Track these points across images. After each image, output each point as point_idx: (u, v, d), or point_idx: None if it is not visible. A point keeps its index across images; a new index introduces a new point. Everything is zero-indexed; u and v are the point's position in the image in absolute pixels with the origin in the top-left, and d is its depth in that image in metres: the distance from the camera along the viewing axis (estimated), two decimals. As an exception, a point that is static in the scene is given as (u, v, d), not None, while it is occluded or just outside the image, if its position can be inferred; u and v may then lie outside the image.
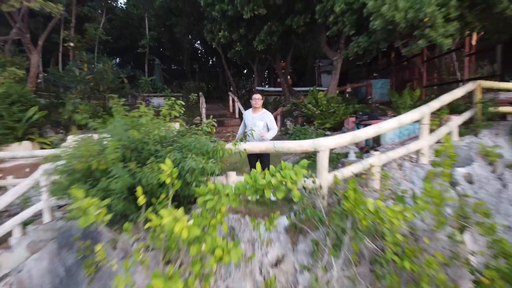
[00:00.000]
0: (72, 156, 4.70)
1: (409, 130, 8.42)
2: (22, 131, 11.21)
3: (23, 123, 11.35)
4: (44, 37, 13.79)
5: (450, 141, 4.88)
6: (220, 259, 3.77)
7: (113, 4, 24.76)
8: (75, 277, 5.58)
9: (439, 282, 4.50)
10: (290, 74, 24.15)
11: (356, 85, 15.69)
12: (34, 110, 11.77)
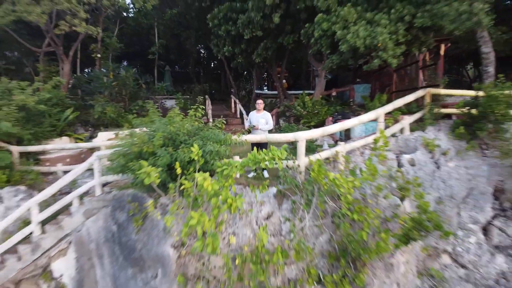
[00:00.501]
0: (130, 143, 6.83)
1: (373, 126, 10.50)
2: (60, 128, 13.25)
3: (62, 122, 13.39)
4: (74, 49, 15.79)
5: (384, 133, 7.04)
6: (229, 206, 5.95)
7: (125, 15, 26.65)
8: (125, 230, 7.71)
9: (375, 226, 6.69)
10: (286, 78, 26.20)
11: (340, 89, 17.79)
12: (70, 111, 13.81)
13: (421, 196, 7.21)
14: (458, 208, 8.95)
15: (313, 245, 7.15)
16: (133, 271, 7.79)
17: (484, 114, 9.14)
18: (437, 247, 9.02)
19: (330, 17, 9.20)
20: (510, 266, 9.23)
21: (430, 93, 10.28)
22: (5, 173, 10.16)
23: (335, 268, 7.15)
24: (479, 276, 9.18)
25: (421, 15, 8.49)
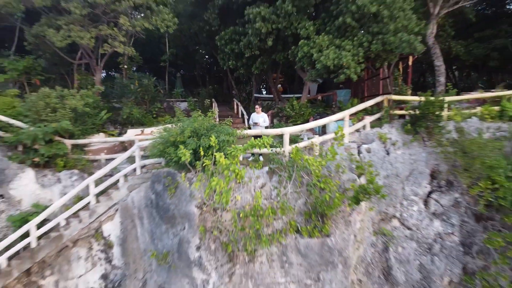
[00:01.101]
0: (167, 135, 9.76)
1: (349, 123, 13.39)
2: (98, 126, 16.09)
3: (98, 121, 16.24)
4: (104, 60, 18.61)
5: (342, 130, 9.98)
6: (236, 175, 8.90)
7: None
8: (162, 197, 10.62)
9: (332, 187, 9.61)
10: (282, 82, 29.08)
11: (325, 94, 20.69)
12: (104, 112, 16.65)
13: (370, 173, 10.18)
14: (403, 184, 11.89)
15: (293, 206, 10.10)
16: (166, 227, 10.73)
17: (424, 115, 12.08)
18: (388, 213, 11.99)
19: (309, 43, 12.04)
20: (444, 228, 12.23)
21: (387, 99, 13.21)
22: (62, 160, 13.03)
23: (309, 222, 10.10)
24: (420, 236, 12.16)
25: (375, 42, 11.34)
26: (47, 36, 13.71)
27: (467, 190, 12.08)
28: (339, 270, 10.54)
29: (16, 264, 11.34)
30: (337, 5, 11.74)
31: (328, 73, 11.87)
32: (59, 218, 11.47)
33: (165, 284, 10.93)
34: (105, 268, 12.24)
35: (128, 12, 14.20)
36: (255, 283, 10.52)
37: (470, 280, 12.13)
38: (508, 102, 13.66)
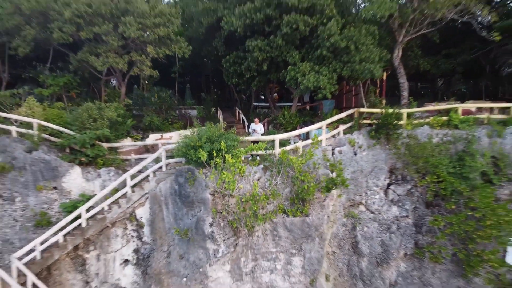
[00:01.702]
0: (188, 140, 13.04)
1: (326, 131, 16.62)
2: (125, 132, 19.28)
3: (125, 127, 19.42)
4: (128, 76, 21.76)
5: (316, 137, 13.28)
6: (239, 170, 12.25)
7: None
8: (183, 187, 13.87)
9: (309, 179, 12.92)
10: (278, 91, 32.30)
11: (313, 104, 23.93)
12: (130, 120, 19.85)
13: (339, 169, 13.48)
14: (367, 178, 15.16)
15: (281, 193, 13.36)
16: (186, 210, 13.98)
17: (384, 124, 15.35)
18: (355, 200, 15.27)
19: (295, 68, 15.26)
20: (400, 213, 15.51)
21: (357, 111, 16.49)
22: (102, 160, 16.24)
23: (293, 205, 13.35)
24: (381, 218, 15.43)
25: (345, 69, 14.57)
26: (90, 61, 16.91)
27: (417, 182, 15.40)
28: (316, 242, 13.84)
29: (70, 239, 14.57)
30: (317, 40, 14.94)
31: (310, 92, 15.02)
32: (103, 204, 14.70)
33: (185, 254, 14.20)
34: (137, 244, 15.47)
35: (153, 42, 17.34)
36: (253, 252, 13.85)
37: (420, 253, 15.51)
38: (454, 113, 16.90)
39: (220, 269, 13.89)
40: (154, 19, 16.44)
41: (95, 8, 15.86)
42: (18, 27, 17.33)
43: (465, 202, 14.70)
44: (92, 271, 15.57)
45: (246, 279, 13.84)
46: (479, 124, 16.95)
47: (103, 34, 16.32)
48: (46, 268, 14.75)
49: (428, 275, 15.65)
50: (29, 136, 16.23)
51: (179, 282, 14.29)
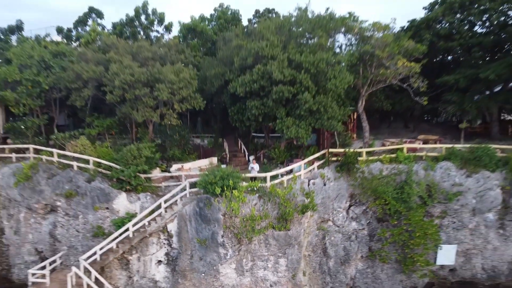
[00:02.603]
0: (207, 176, 18.52)
1: (304, 166, 22.05)
2: (154, 164, 24.60)
3: (155, 160, 24.73)
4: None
5: (295, 176, 18.79)
6: (242, 199, 17.79)
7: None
8: (202, 210, 19.31)
9: (290, 205, 18.43)
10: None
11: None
12: (158, 154, 25.13)
13: (312, 198, 18.99)
14: (333, 202, 20.62)
15: (271, 214, 18.83)
16: (204, 225, 19.40)
17: (345, 162, 20.84)
18: (325, 218, 20.74)
19: (282, 122, 20.70)
20: (358, 226, 20.94)
21: (328, 151, 21.98)
22: (141, 187, 21.69)
23: (279, 223, 18.77)
24: (344, 230, 20.88)
25: (317, 124, 20.10)
26: (132, 114, 22.35)
27: (370, 205, 20.87)
28: (295, 248, 19.27)
29: (121, 246, 19.94)
30: (297, 102, 20.36)
31: (293, 138, 20.45)
32: (145, 220, 20.16)
33: (203, 256, 19.59)
34: (167, 249, 20.84)
35: (178, 100, 22.59)
36: (252, 255, 19.26)
37: (372, 255, 20.94)
38: (400, 152, 22.36)
39: (228, 267, 19.32)
40: (179, 84, 21.92)
41: (136, 77, 21.29)
42: (78, 89, 22.91)
43: (403, 219, 20.20)
44: (134, 269, 20.92)
45: (246, 274, 19.29)
46: (419, 160, 22.39)
47: (142, 96, 21.77)
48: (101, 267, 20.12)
49: (378, 272, 21.12)
50: (88, 170, 21.73)
51: (199, 276, 19.71)
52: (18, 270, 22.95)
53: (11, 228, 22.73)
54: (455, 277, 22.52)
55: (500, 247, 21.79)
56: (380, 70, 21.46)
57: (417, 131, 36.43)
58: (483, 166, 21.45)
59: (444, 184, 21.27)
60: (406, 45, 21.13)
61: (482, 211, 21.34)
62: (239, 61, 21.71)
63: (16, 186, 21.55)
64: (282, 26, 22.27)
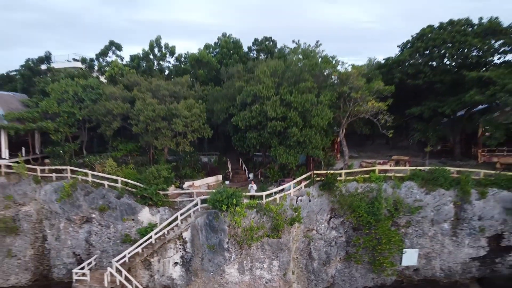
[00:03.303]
0: (216, 197, 23.02)
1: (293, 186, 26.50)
2: (170, 181, 29.03)
3: (171, 178, 29.20)
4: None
5: (285, 196, 23.31)
6: (243, 214, 22.36)
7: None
8: (211, 222, 23.75)
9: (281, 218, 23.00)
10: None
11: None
12: (173, 174, 29.51)
13: (299, 212, 23.52)
14: (316, 215, 25.09)
15: (266, 225, 23.32)
16: (213, 234, 23.81)
17: (326, 182, 25.32)
18: (310, 227, 25.22)
19: (275, 150, 25.07)
20: (337, 234, 25.43)
21: (313, 173, 26.46)
22: (160, 202, 26.13)
23: (273, 232, 23.22)
24: (326, 237, 25.37)
25: (304, 152, 24.69)
26: (153, 143, 26.84)
27: (346, 217, 25.34)
28: (286, 252, 23.73)
29: (145, 250, 24.35)
30: (288, 134, 24.82)
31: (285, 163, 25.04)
32: (165, 230, 24.60)
33: (212, 259, 23.96)
34: (182, 253, 25.27)
35: (191, 131, 27.08)
36: (251, 258, 23.70)
37: (348, 258, 25.36)
38: (373, 173, 26.80)
39: (232, 267, 23.74)
40: (191, 118, 26.48)
41: (157, 112, 25.82)
42: (108, 121, 27.57)
43: (373, 228, 24.66)
44: (155, 269, 25.34)
45: (246, 273, 23.72)
46: (388, 179, 26.82)
47: (161, 128, 26.31)
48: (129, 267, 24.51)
49: (353, 271, 25.57)
50: (117, 188, 26.24)
51: (208, 275, 24.12)
52: (58, 270, 27.32)
53: (52, 235, 27.13)
54: (419, 275, 26.93)
55: (454, 251, 26.21)
56: (355, 107, 25.99)
57: (395, 148, 41.05)
58: (439, 185, 25.88)
59: (408, 200, 25.69)
60: (376, 87, 25.65)
61: (439, 222, 25.78)
62: (240, 99, 26.25)
63: (60, 202, 26.01)
64: (276, 70, 26.82)
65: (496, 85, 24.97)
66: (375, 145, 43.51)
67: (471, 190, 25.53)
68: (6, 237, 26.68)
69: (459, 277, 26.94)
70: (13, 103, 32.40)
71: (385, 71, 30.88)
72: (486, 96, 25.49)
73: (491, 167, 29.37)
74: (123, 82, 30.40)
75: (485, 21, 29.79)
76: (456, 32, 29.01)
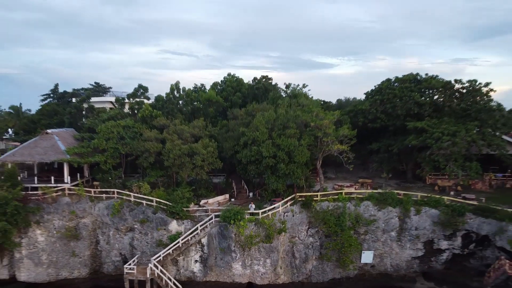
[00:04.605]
0: (226, 214, 31.63)
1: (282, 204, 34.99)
2: (191, 201, 37.35)
3: (191, 197, 37.53)
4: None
5: (275, 213, 31.96)
6: (245, 227, 31.11)
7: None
8: (223, 231, 32.19)
9: (272, 229, 31.74)
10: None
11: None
12: (192, 194, 37.93)
13: (285, 224, 32.19)
14: (298, 226, 33.52)
15: (262, 234, 31.94)
16: (223, 240, 32.18)
17: (306, 202, 33.93)
18: (293, 235, 33.81)
19: (268, 179, 33.71)
20: (314, 240, 34.10)
21: (297, 195, 35.03)
22: (185, 216, 34.58)
23: (266, 239, 31.85)
24: (305, 242, 33.89)
25: (289, 180, 33.19)
26: (180, 173, 35.50)
27: (320, 227, 33.95)
28: (276, 253, 32.30)
29: (174, 252, 32.83)
30: (277, 167, 33.42)
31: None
32: (188, 237, 33.12)
33: (223, 258, 32.31)
34: (201, 253, 33.60)
35: (207, 164, 35.87)
36: (251, 257, 32.26)
37: (322, 257, 33.86)
38: (341, 195, 35.34)
39: (237, 264, 32.19)
40: (207, 155, 35.17)
41: (182, 151, 34.49)
42: (145, 156, 36.29)
43: (339, 236, 33.22)
44: (181, 265, 33.73)
45: (247, 268, 32.18)
46: (352, 199, 35.35)
47: (185, 162, 34.95)
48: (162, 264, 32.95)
49: (325, 267, 33.98)
50: (152, 205, 34.85)
51: (220, 269, 32.52)
52: (107, 266, 35.71)
53: (104, 240, 35.55)
54: (375, 270, 35.26)
55: (399, 252, 34.60)
56: (327, 147, 34.69)
57: (366, 169, 49.66)
58: (388, 204, 34.27)
59: (365, 215, 34.10)
60: (341, 133, 34.41)
61: (388, 231, 34.24)
62: (243, 140, 34.98)
63: (112, 216, 34.63)
64: (269, 119, 35.58)
65: (427, 133, 33.69)
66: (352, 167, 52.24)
67: (411, 208, 33.91)
68: (71, 242, 35.12)
69: (405, 272, 35.24)
70: (68, 138, 41.10)
71: (352, 115, 39.65)
72: (420, 141, 34.21)
73: (433, 188, 38.16)
74: (156, 124, 39.15)
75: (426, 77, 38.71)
76: (404, 88, 37.83)
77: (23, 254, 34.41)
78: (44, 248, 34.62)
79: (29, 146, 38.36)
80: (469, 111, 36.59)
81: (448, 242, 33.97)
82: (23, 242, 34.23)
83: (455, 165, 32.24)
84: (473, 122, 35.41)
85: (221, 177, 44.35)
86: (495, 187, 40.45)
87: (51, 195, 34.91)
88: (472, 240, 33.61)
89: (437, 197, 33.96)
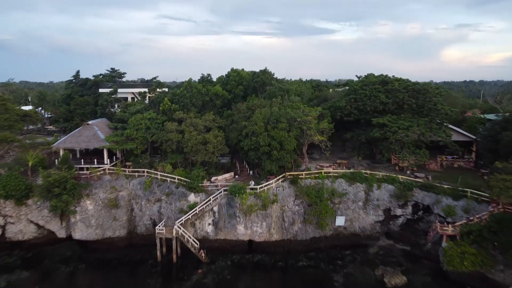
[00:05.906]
0: (233, 188, 40.48)
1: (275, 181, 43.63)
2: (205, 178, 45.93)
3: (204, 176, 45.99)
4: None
5: (269, 188, 40.83)
6: (246, 198, 40.23)
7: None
8: (230, 201, 41.18)
9: (267, 200, 40.85)
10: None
11: (276, 161, 51.11)
12: (204, 172, 46.53)
13: (277, 196, 41.20)
14: (287, 198, 42.22)
15: (259, 204, 40.97)
16: (230, 208, 40.91)
17: (293, 179, 42.71)
18: (283, 205, 42.96)
19: (265, 162, 42.31)
20: (299, 208, 43.31)
21: (287, 175, 43.75)
22: (199, 189, 43.22)
23: (262, 207, 40.87)
24: (292, 210, 42.80)
25: (281, 163, 41.84)
26: (195, 158, 44.12)
27: (304, 198, 42.95)
28: (270, 218, 40.89)
29: (193, 217, 41.54)
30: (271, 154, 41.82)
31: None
32: (203, 206, 41.99)
33: (230, 221, 41.15)
34: (213, 218, 42.11)
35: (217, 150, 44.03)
36: (251, 221, 41.23)
37: (305, 221, 42.81)
38: (321, 173, 44.06)
39: (240, 226, 40.87)
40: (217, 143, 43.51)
41: (198, 141, 42.87)
42: (169, 144, 44.82)
43: (318, 205, 42.21)
44: (198, 227, 42.59)
45: (248, 229, 40.96)
46: (329, 177, 44.11)
47: (200, 149, 43.44)
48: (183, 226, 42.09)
49: (307, 228, 42.72)
50: (174, 182, 43.60)
51: (228, 230, 41.24)
52: (140, 228, 44.61)
53: (137, 208, 44.36)
54: (347, 231, 43.92)
55: (365, 218, 43.33)
56: (310, 137, 43.12)
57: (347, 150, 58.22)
58: (357, 181, 42.99)
59: (339, 189, 42.66)
60: (321, 127, 42.73)
61: (356, 201, 42.95)
62: (245, 132, 43.29)
63: (145, 191, 43.55)
64: (265, 115, 43.78)
65: (387, 127, 42.11)
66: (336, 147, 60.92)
67: (374, 184, 42.64)
68: (112, 209, 44.05)
69: (370, 232, 44.06)
70: (104, 128, 49.29)
71: (332, 110, 47.89)
72: (381, 134, 42.67)
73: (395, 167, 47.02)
74: (175, 117, 47.39)
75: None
76: (373, 89, 45.86)
77: (77, 218, 43.26)
78: (93, 214, 43.42)
79: (74, 135, 46.59)
80: (422, 108, 44.87)
81: (402, 210, 42.79)
82: (77, 209, 42.96)
83: (407, 152, 40.77)
84: (424, 118, 43.79)
85: (227, 157, 52.90)
86: (445, 167, 49.12)
87: (96, 174, 43.59)
88: (420, 209, 42.39)
89: (394, 176, 42.62)
